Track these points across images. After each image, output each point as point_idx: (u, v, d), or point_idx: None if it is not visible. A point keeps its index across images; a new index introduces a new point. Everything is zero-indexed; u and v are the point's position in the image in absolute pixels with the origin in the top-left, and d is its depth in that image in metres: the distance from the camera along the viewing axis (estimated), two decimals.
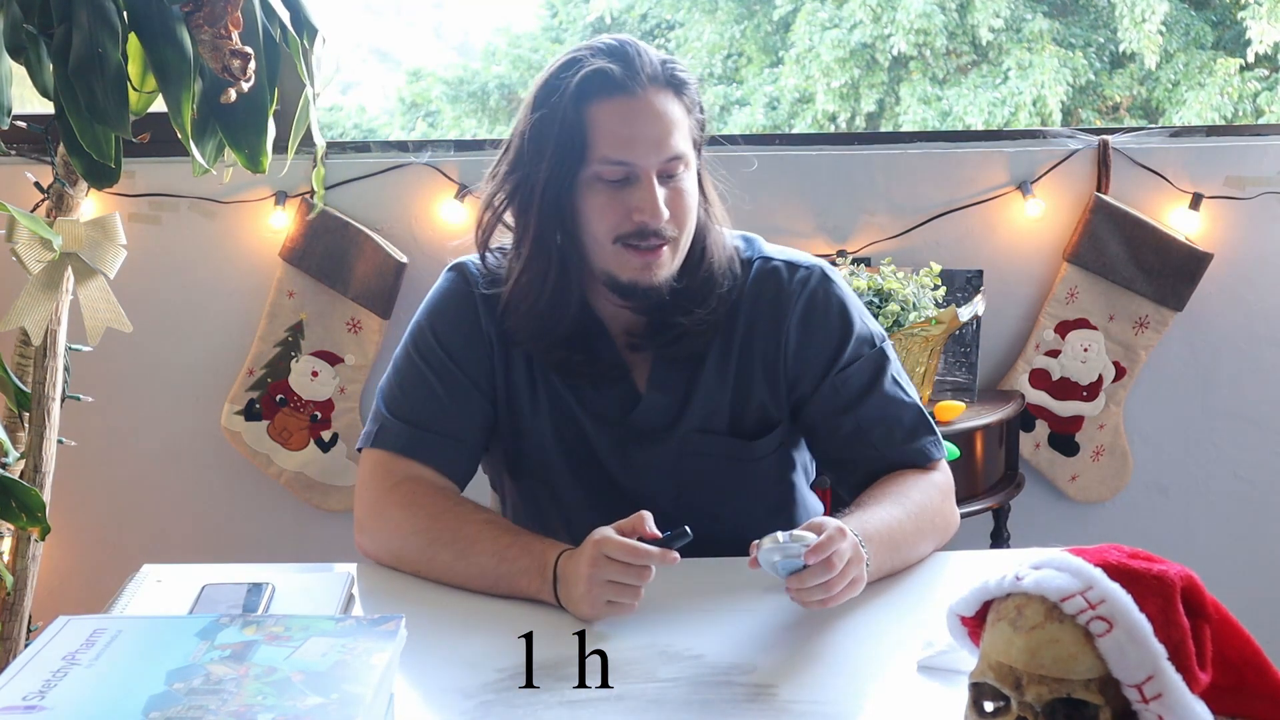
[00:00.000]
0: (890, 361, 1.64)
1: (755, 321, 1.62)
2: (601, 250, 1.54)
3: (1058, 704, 0.95)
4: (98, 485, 2.94)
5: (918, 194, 2.88)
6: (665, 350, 1.60)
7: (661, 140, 1.50)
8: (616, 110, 1.50)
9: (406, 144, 2.91)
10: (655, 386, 1.62)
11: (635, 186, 1.50)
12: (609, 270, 1.55)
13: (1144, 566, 0.98)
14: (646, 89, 1.50)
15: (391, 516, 1.56)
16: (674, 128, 1.51)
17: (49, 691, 1.08)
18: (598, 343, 1.61)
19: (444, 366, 1.62)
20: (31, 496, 1.90)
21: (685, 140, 1.53)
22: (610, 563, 1.35)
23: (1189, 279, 2.82)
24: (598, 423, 1.63)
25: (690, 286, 1.57)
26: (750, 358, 1.62)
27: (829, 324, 1.62)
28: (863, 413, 1.60)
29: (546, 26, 8.76)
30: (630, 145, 1.49)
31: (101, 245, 1.94)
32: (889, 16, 7.23)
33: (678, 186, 1.52)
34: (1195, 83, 6.94)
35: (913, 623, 1.38)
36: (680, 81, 1.54)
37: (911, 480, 1.58)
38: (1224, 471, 2.98)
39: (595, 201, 1.52)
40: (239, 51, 1.72)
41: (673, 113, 1.52)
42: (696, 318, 1.57)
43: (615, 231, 1.52)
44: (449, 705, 1.22)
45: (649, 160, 1.50)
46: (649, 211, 1.50)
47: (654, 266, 1.52)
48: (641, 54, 1.52)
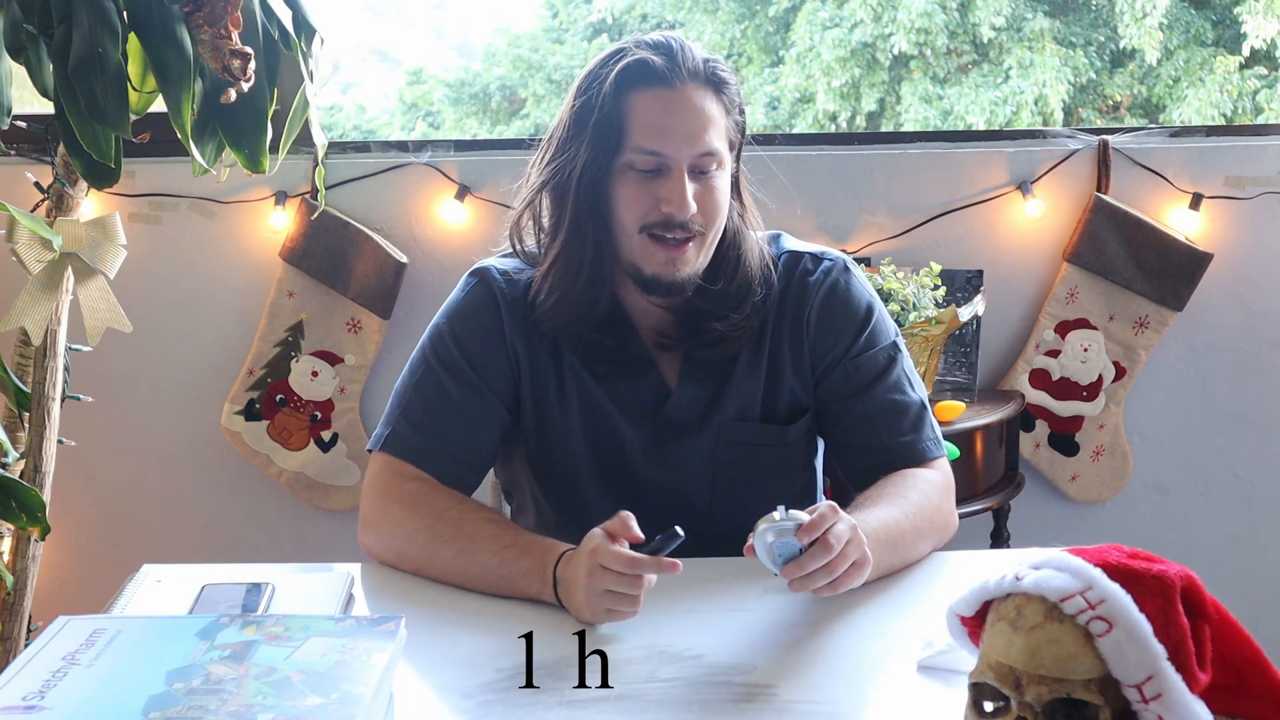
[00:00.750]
0: (902, 356, 1.66)
1: (783, 311, 1.65)
2: (629, 241, 1.55)
3: (1057, 704, 0.95)
4: (98, 485, 2.94)
5: (918, 194, 2.88)
6: (697, 353, 1.62)
7: (696, 134, 1.51)
8: (654, 101, 1.52)
9: (406, 144, 2.91)
10: (687, 380, 1.63)
11: (666, 178, 1.52)
12: (635, 262, 1.56)
13: (1144, 566, 0.98)
14: (686, 83, 1.52)
15: (394, 515, 1.56)
16: (710, 124, 1.52)
17: (49, 691, 1.08)
18: (626, 337, 1.63)
19: (461, 372, 1.62)
20: (31, 496, 1.90)
21: (721, 138, 1.54)
22: (606, 573, 1.35)
23: (1189, 279, 2.82)
24: (630, 419, 1.63)
25: (724, 290, 1.59)
26: (780, 347, 1.64)
27: (849, 312, 1.65)
28: (870, 400, 1.62)
29: (547, 27, 8.76)
30: (664, 135, 1.51)
31: (101, 245, 1.94)
32: (890, 16, 7.24)
33: (709, 183, 1.54)
34: (1195, 79, 6.95)
35: (913, 623, 1.38)
36: (721, 80, 1.55)
37: (910, 480, 1.59)
38: (1224, 471, 2.98)
39: (626, 190, 1.54)
40: (239, 51, 1.72)
41: (710, 109, 1.53)
42: (731, 323, 1.59)
43: (642, 220, 1.53)
44: (449, 705, 1.22)
45: (681, 152, 1.51)
46: (676, 202, 1.51)
47: (678, 261, 1.54)
48: (685, 49, 1.54)
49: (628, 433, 1.64)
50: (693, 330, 1.60)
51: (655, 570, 1.35)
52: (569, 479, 1.66)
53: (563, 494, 1.68)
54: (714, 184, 1.54)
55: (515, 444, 1.70)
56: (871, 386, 1.63)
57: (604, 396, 1.63)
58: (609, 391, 1.63)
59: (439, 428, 1.61)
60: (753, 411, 1.64)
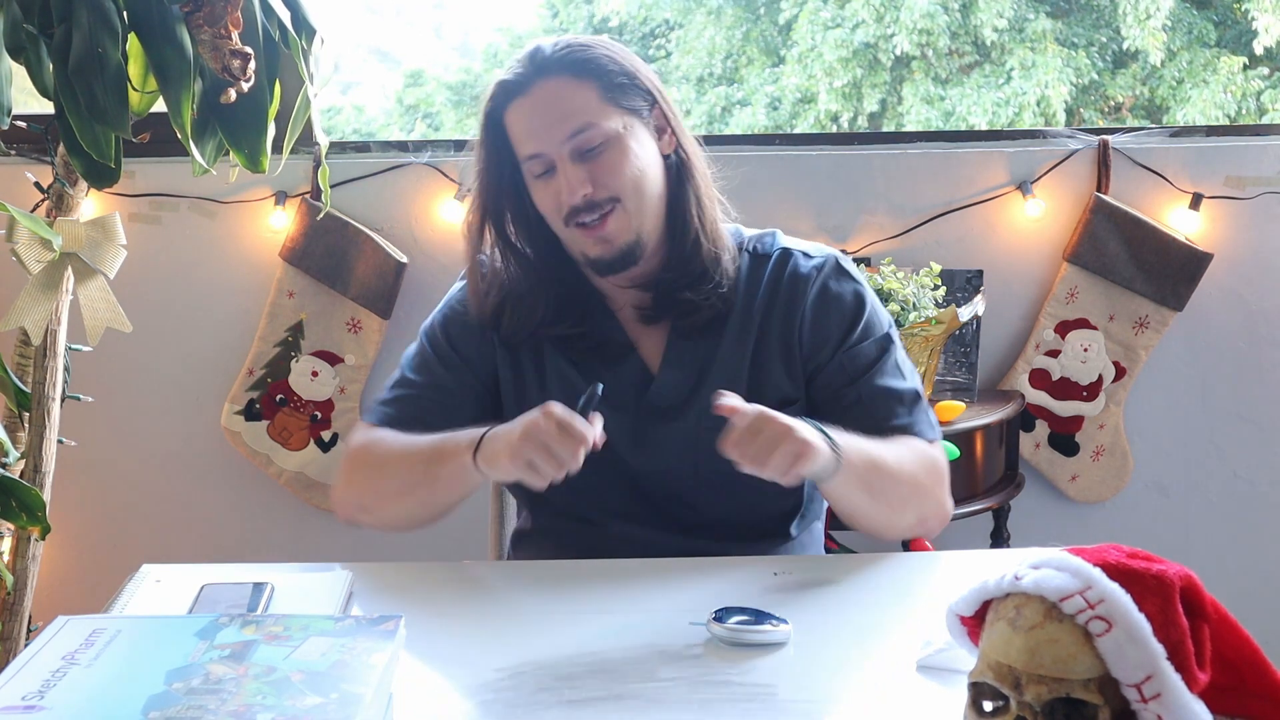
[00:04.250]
0: (895, 346, 1.67)
1: (774, 305, 1.65)
2: (564, 235, 1.61)
3: (1057, 704, 0.95)
4: (98, 485, 2.94)
5: (918, 194, 2.88)
6: (680, 323, 1.63)
7: (559, 121, 1.55)
8: (518, 111, 1.58)
9: (406, 144, 2.91)
10: (670, 364, 1.64)
11: (556, 173, 1.57)
12: (577, 252, 1.62)
13: (1143, 566, 0.98)
14: (541, 81, 1.57)
15: (355, 455, 1.64)
16: (573, 105, 1.55)
17: (48, 691, 1.08)
18: (603, 320, 1.66)
19: (446, 356, 1.68)
20: (31, 496, 1.90)
21: (596, 111, 1.56)
22: (552, 425, 1.39)
23: (1189, 279, 2.82)
24: (612, 405, 1.63)
25: (683, 252, 1.61)
26: (768, 339, 1.65)
27: (842, 306, 1.65)
28: (865, 386, 1.63)
29: (547, 27, 8.77)
30: (534, 137, 1.56)
31: (101, 245, 1.94)
32: (892, 16, 7.23)
33: (600, 156, 1.56)
34: (1199, 80, 6.94)
35: (912, 623, 1.38)
36: (579, 59, 1.58)
37: (901, 439, 1.60)
38: (1224, 471, 2.97)
39: (537, 196, 1.60)
40: (239, 51, 1.72)
41: (571, 91, 1.56)
42: (704, 291, 1.61)
43: (560, 217, 1.58)
44: (449, 705, 1.22)
45: (552, 145, 1.55)
46: (565, 192, 1.56)
47: (606, 239, 1.58)
48: (541, 49, 1.59)
49: (610, 419, 1.64)
50: (668, 302, 1.63)
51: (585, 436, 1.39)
52: None
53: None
54: (604, 156, 1.56)
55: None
56: (866, 373, 1.63)
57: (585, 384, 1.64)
58: (591, 379, 1.64)
59: (418, 395, 1.67)
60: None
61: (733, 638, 1.32)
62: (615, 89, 1.58)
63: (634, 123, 1.58)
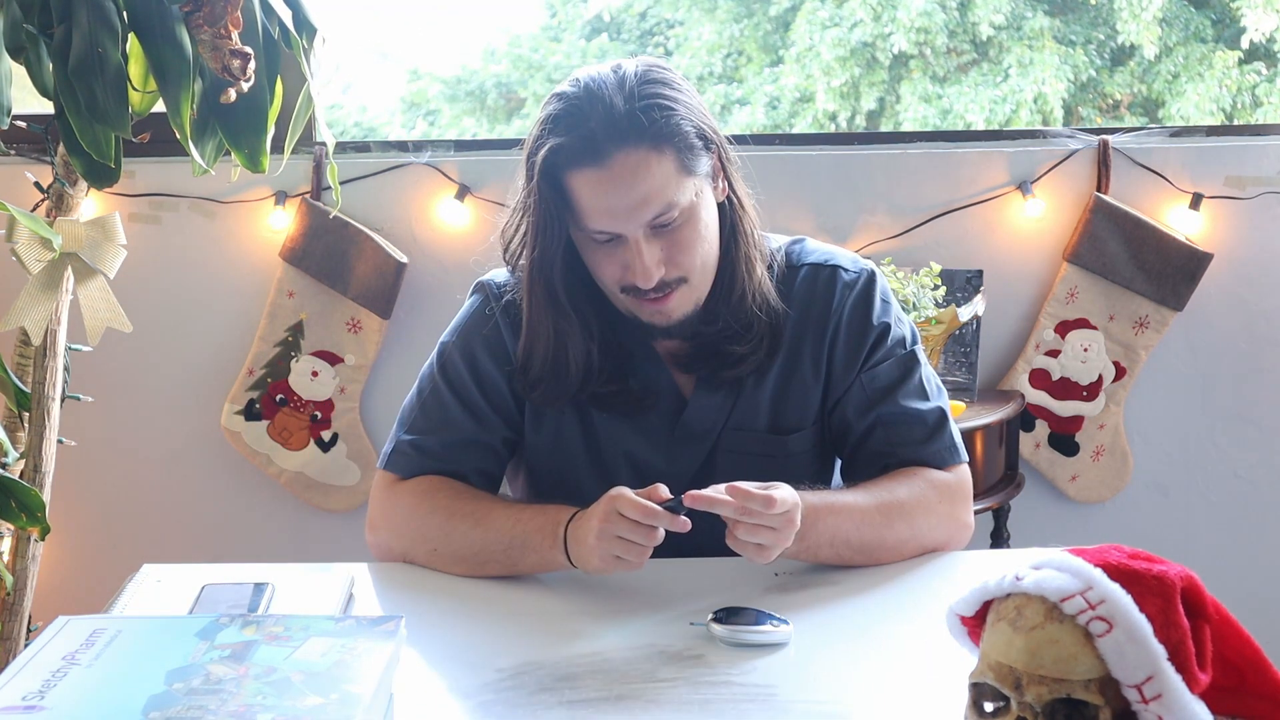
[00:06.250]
0: (920, 365, 1.64)
1: (805, 322, 1.63)
2: (615, 297, 1.56)
3: (1057, 704, 0.95)
4: (98, 485, 2.94)
5: (918, 194, 2.88)
6: (718, 373, 1.61)
7: (640, 205, 1.46)
8: (589, 183, 1.46)
9: (406, 144, 2.91)
10: (703, 391, 1.62)
11: (625, 246, 1.49)
12: (627, 310, 1.57)
13: (1144, 567, 0.98)
14: (615, 152, 1.44)
15: (405, 504, 1.58)
16: (653, 184, 1.45)
17: (49, 691, 1.08)
18: (642, 364, 1.62)
19: (466, 391, 1.63)
20: (31, 496, 1.90)
21: (673, 186, 1.47)
22: (621, 519, 1.38)
23: (1189, 279, 2.82)
24: (640, 429, 1.63)
25: (732, 311, 1.58)
26: (798, 357, 1.63)
27: (869, 324, 1.63)
28: (886, 410, 1.61)
29: (546, 26, 8.76)
30: (609, 216, 1.47)
31: (101, 245, 1.94)
32: (889, 15, 7.23)
33: (674, 234, 1.50)
34: (1195, 75, 6.94)
35: (913, 623, 1.38)
36: (656, 125, 1.45)
37: (909, 474, 1.58)
38: (1224, 471, 2.97)
39: (594, 257, 1.53)
40: (239, 51, 1.72)
41: (650, 167, 1.45)
42: (749, 341, 1.58)
43: (618, 284, 1.53)
44: (449, 705, 1.22)
45: (630, 227, 1.47)
46: (639, 276, 1.49)
47: (666, 311, 1.54)
48: (604, 101, 1.46)
49: (635, 441, 1.64)
50: (710, 355, 1.59)
51: (669, 525, 1.37)
52: (569, 488, 1.65)
53: (555, 486, 1.68)
54: (680, 232, 1.50)
55: (520, 458, 1.71)
56: (886, 396, 1.61)
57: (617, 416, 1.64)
58: (627, 418, 1.64)
59: (443, 448, 1.62)
60: (759, 421, 1.63)
61: (733, 638, 1.32)
62: (689, 151, 1.48)
63: (703, 185, 1.52)
